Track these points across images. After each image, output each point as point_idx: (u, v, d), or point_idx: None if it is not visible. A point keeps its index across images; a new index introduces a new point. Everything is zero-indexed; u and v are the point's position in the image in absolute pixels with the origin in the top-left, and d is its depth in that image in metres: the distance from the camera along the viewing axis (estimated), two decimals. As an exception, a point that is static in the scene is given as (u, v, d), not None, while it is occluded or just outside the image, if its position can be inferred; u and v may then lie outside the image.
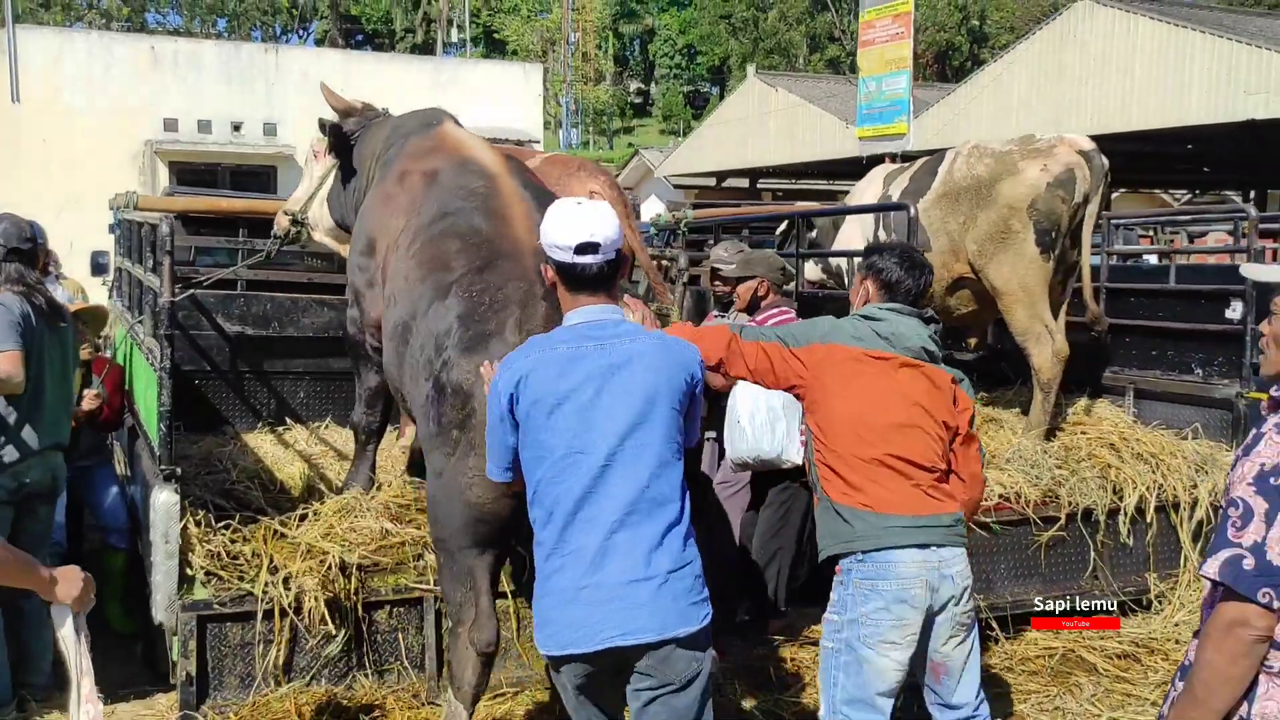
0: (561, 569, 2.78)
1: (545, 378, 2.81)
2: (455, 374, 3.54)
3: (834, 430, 3.35)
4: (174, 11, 60.21)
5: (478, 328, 3.57)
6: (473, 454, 3.45)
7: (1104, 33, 19.33)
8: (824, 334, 3.46)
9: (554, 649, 2.79)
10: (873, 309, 3.48)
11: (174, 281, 4.10)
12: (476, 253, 3.79)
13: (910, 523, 3.23)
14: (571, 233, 2.87)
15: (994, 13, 61.53)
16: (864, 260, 3.64)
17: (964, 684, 3.36)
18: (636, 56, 71.62)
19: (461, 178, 4.23)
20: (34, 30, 21.34)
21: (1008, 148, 6.16)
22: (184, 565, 4.06)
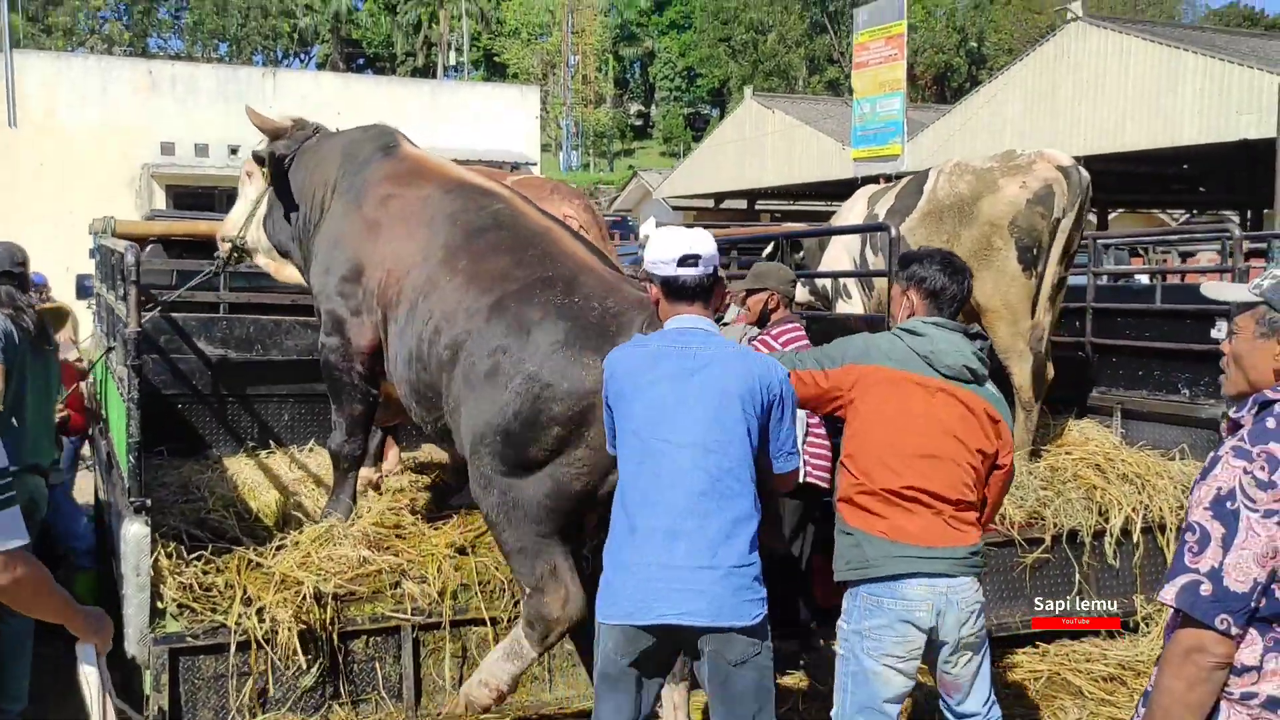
0: (632, 545, 3.04)
1: (629, 370, 3.15)
2: (573, 372, 3.65)
3: (862, 456, 3.38)
4: (176, 36, 60.62)
5: (596, 330, 3.69)
6: (583, 447, 3.65)
7: (1097, 53, 19.42)
8: (860, 353, 3.46)
9: (614, 618, 3.03)
10: (915, 323, 3.46)
11: (140, 311, 4.07)
12: (541, 267, 3.94)
13: (925, 553, 3.27)
14: (675, 248, 3.21)
15: (992, 34, 61.90)
16: (903, 271, 3.61)
17: (973, 695, 3.42)
18: (636, 79, 71.92)
19: (470, 199, 4.35)
20: (31, 54, 21.45)
21: (988, 165, 6.16)
22: (155, 598, 4.01)
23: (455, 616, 4.43)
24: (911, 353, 3.39)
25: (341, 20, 60.67)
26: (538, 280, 3.91)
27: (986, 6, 63.90)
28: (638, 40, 68.59)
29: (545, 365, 3.70)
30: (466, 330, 3.97)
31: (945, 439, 3.34)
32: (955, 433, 3.35)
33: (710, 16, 61.91)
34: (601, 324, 3.70)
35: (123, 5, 57.99)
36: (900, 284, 3.59)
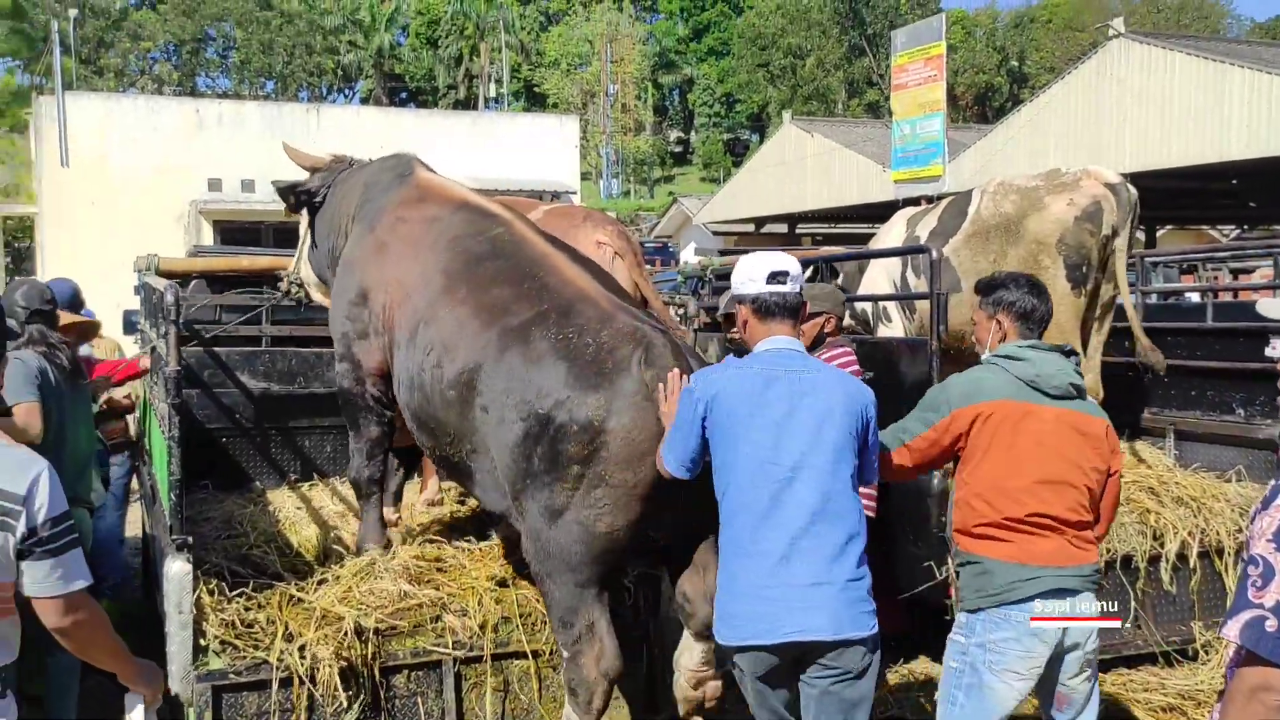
0: (748, 567, 3.14)
1: (741, 394, 3.22)
2: (580, 411, 3.59)
3: (982, 488, 3.44)
4: (223, 75, 61.85)
5: (593, 366, 3.64)
6: (602, 485, 3.58)
7: (1141, 69, 19.18)
8: (964, 395, 3.50)
9: (737, 640, 3.15)
10: (1012, 349, 3.51)
11: (180, 350, 4.09)
12: (540, 299, 3.91)
13: (1055, 573, 3.36)
14: (763, 266, 3.34)
15: (1033, 53, 61.56)
16: (988, 296, 3.66)
17: (1085, 713, 3.50)
18: (676, 106, 72.27)
19: (475, 224, 4.34)
20: (82, 96, 21.94)
21: (1034, 183, 6.07)
22: (198, 635, 4.01)
23: (496, 650, 4.38)
24: (1017, 381, 3.45)
25: (384, 55, 61.64)
26: (537, 315, 3.87)
27: (1027, 26, 63.63)
28: (676, 68, 68.96)
29: (554, 406, 3.65)
30: (471, 368, 3.95)
31: (1063, 463, 3.41)
32: (1072, 456, 3.43)
33: (748, 43, 62.11)
34: (597, 360, 3.66)
35: (172, 46, 59.31)
36: (986, 309, 3.64)
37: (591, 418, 3.58)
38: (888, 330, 6.63)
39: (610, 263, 4.82)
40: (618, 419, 3.54)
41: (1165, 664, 5.49)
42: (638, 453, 3.55)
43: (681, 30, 71.09)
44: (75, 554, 2.70)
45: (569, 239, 4.76)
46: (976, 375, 3.54)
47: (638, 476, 3.57)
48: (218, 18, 58.35)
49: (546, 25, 67.98)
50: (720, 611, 3.22)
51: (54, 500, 2.65)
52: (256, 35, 56.73)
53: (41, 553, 2.62)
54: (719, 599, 3.24)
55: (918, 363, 5.26)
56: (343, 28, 60.34)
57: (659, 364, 3.55)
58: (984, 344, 3.66)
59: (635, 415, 3.55)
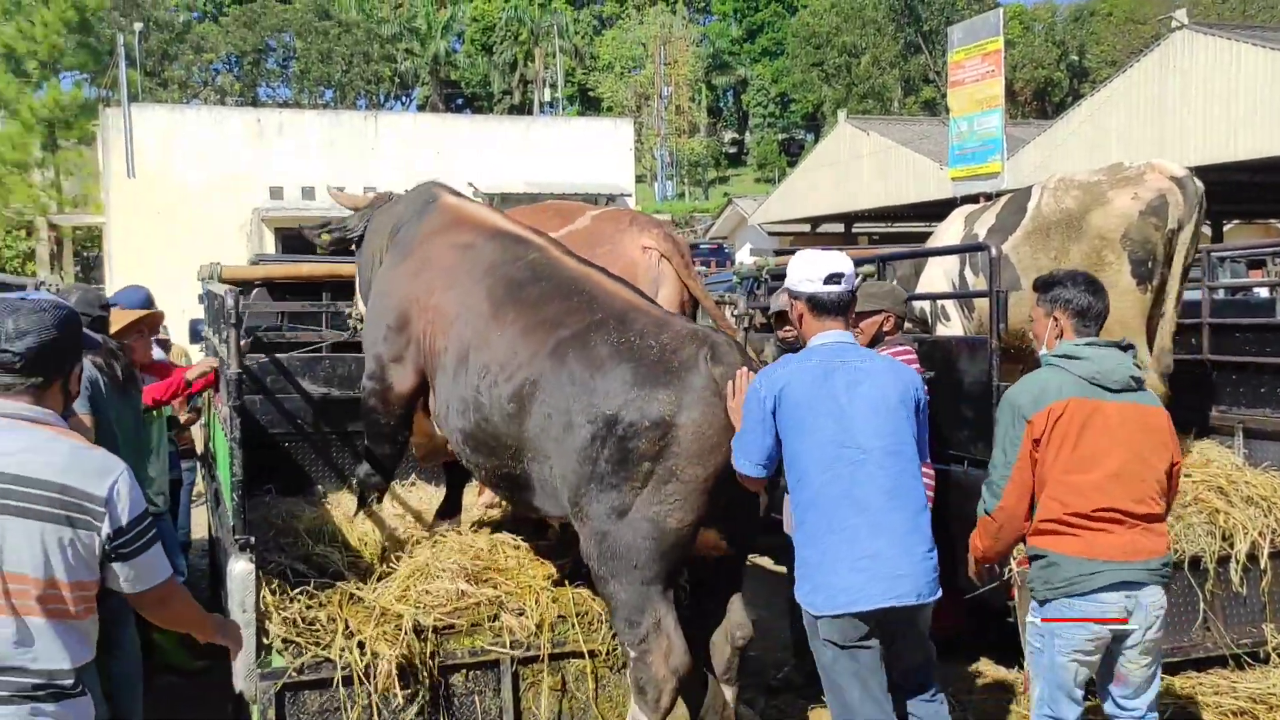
0: (838, 543, 3.40)
1: (805, 384, 3.44)
2: (651, 408, 3.68)
3: (1051, 486, 3.54)
4: (284, 85, 62.90)
5: (660, 365, 3.75)
6: (673, 480, 3.68)
7: (1205, 62, 18.78)
8: (1032, 402, 3.57)
9: (834, 609, 3.39)
10: (1069, 347, 3.59)
11: (242, 353, 4.17)
12: (590, 311, 4.02)
13: (1121, 567, 3.49)
14: (822, 267, 3.53)
15: (1093, 46, 60.48)
16: (1044, 294, 3.74)
17: (1142, 696, 3.66)
18: (730, 107, 72.14)
19: (507, 250, 4.46)
20: (148, 108, 22.47)
21: (1096, 178, 5.96)
22: (262, 633, 4.07)
23: (553, 650, 4.40)
24: (1078, 379, 3.52)
25: (440, 62, 62.30)
26: (591, 324, 3.95)
27: (1087, 19, 62.55)
28: (730, 69, 68.84)
29: (623, 406, 3.72)
30: (531, 380, 4.01)
31: (1130, 456, 3.51)
32: (1138, 448, 3.53)
33: (802, 42, 61.78)
34: (663, 359, 3.77)
35: (233, 57, 60.46)
36: (1044, 307, 3.72)
37: (663, 413, 3.68)
38: (946, 329, 6.56)
39: (656, 266, 4.83)
40: (688, 414, 3.67)
41: (1236, 667, 5.36)
42: (708, 447, 3.67)
43: (735, 31, 70.95)
44: (156, 549, 2.83)
45: (616, 243, 4.81)
46: (1039, 379, 3.61)
47: (708, 471, 3.69)
48: (278, 29, 59.37)
49: (600, 29, 68.23)
50: (815, 584, 3.44)
51: (135, 501, 2.73)
52: (315, 45, 57.61)
53: (129, 552, 2.72)
54: (813, 574, 3.45)
55: (977, 361, 5.20)
56: (399, 36, 61.10)
57: (726, 361, 3.68)
58: (1041, 340, 3.73)
59: (705, 410, 3.68)
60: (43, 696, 2.65)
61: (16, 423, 2.69)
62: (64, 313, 2.82)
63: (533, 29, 61.77)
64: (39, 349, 2.70)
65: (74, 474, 2.66)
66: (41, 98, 22.26)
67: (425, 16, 61.72)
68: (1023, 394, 3.60)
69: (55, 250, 23.73)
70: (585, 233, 4.98)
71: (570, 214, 5.19)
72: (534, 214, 5.36)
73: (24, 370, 2.70)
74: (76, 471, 2.66)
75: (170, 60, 55.28)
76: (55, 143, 22.07)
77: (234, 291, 4.06)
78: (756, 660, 5.92)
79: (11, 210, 22.35)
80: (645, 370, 3.74)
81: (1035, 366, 3.80)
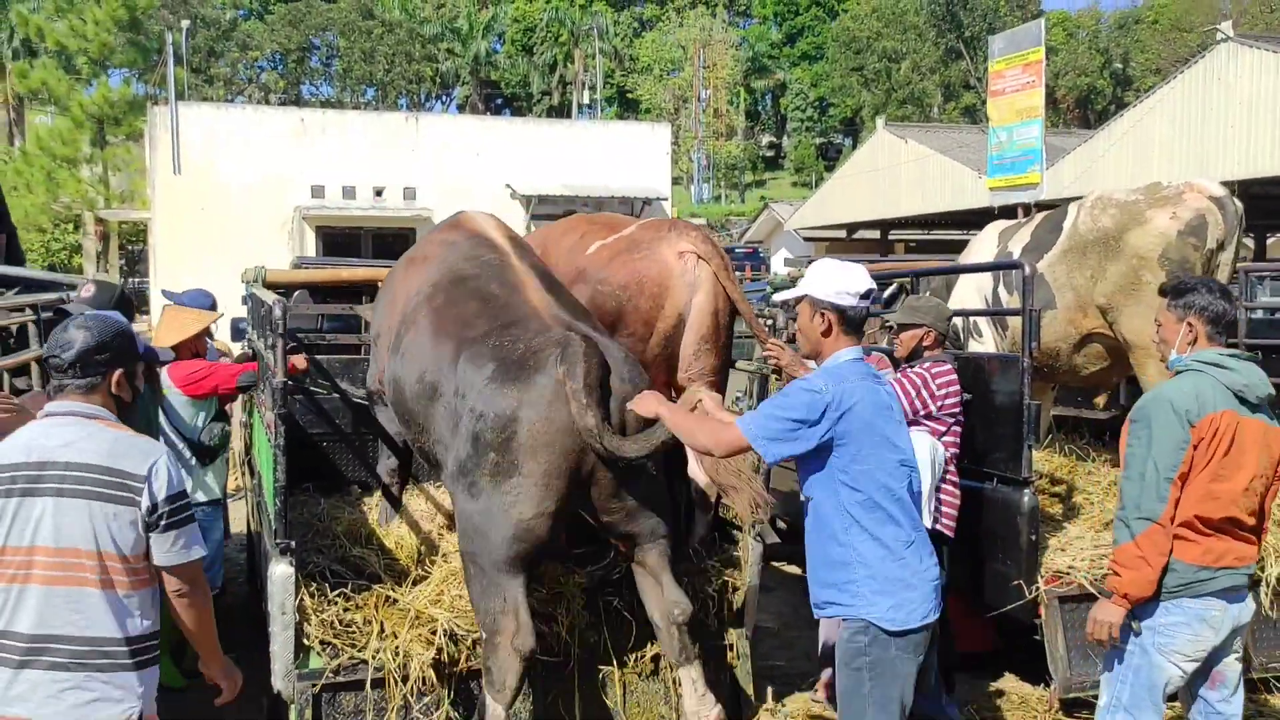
0: (909, 559, 3.47)
1: (872, 402, 3.47)
2: (498, 402, 3.88)
3: (1193, 492, 3.57)
4: (326, 83, 63.48)
5: (516, 364, 3.94)
6: (516, 474, 3.84)
7: (1251, 74, 18.57)
8: (1200, 406, 3.56)
9: (916, 623, 3.45)
10: (1216, 356, 3.64)
11: (288, 361, 4.28)
12: (496, 315, 4.23)
13: (1233, 574, 3.63)
14: (858, 281, 3.56)
15: (1138, 54, 59.77)
16: (1177, 300, 3.76)
17: (1237, 694, 3.76)
18: (768, 110, 71.99)
19: (475, 249, 4.67)
20: (194, 106, 22.76)
21: (1133, 197, 5.95)
22: (300, 635, 4.17)
23: (583, 657, 4.48)
24: (1225, 390, 3.57)
25: (481, 63, 62.62)
26: (492, 328, 4.16)
27: (1131, 27, 61.85)
28: (769, 72, 68.71)
29: (479, 398, 3.95)
30: (436, 370, 4.26)
31: (1254, 473, 3.60)
32: (1261, 467, 3.62)
33: (842, 46, 61.57)
34: (521, 359, 3.95)
35: (278, 55, 61.12)
36: (1176, 312, 3.74)
37: (506, 408, 3.87)
38: (978, 346, 6.57)
39: (693, 270, 4.86)
40: (527, 411, 3.83)
41: (1265, 690, 5.35)
42: (543, 443, 3.83)
43: (775, 35, 70.82)
44: (192, 527, 3.13)
45: (652, 249, 4.87)
46: (1191, 386, 3.60)
47: (545, 466, 3.83)
48: (322, 27, 59.97)
49: (640, 31, 68.30)
50: (895, 602, 3.44)
51: (172, 480, 3.06)
52: (358, 44, 58.13)
53: (164, 526, 3.03)
54: (886, 589, 3.44)
55: (1009, 379, 5.22)
56: (441, 36, 61.51)
57: (570, 360, 3.79)
58: (1171, 346, 3.76)
59: (544, 408, 3.83)
60: (93, 666, 2.95)
61: (70, 418, 3.07)
62: (109, 325, 3.21)
63: (573, 30, 61.97)
64: (84, 355, 3.10)
65: (118, 457, 3.01)
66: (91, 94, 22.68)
67: (467, 17, 62.08)
68: (1183, 398, 3.58)
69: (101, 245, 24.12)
70: (627, 240, 5.03)
71: (618, 225, 5.26)
72: (589, 224, 5.44)
73: (72, 373, 3.10)
74: (120, 455, 3.02)
75: (216, 57, 56.00)
76: (104, 139, 22.47)
77: (281, 301, 4.16)
78: (781, 672, 5.98)
79: (60, 204, 22.78)
80: (504, 368, 3.95)
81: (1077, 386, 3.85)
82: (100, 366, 3.11)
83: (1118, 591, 3.62)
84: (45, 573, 2.94)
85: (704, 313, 4.86)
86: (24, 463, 2.98)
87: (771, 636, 6.43)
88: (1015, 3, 59.39)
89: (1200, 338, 3.68)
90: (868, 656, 3.46)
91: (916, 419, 4.82)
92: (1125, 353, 5.89)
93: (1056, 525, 5.64)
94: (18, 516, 2.95)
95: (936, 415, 4.88)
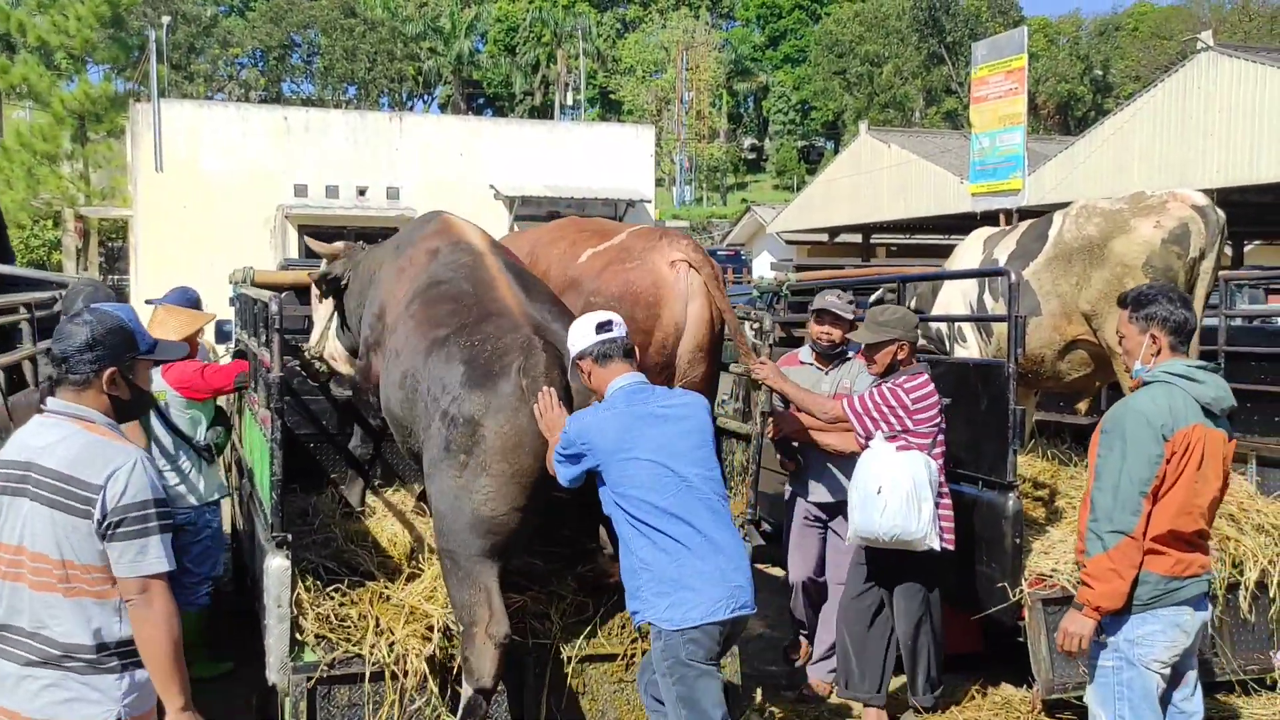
0: (682, 561, 3.70)
1: (614, 431, 3.77)
2: (465, 407, 4.03)
3: (1167, 506, 3.63)
4: (308, 81, 63.19)
5: (483, 369, 4.08)
6: (484, 474, 4.02)
7: (1230, 84, 18.80)
8: (1174, 419, 3.61)
9: (689, 621, 3.63)
10: (1185, 368, 3.68)
11: (283, 357, 4.32)
12: (467, 313, 4.36)
13: (1198, 582, 3.72)
14: (587, 322, 3.92)
15: (1118, 61, 60.27)
16: (1138, 311, 3.77)
17: (1197, 690, 3.88)
18: (750, 113, 72.16)
19: (454, 254, 4.78)
20: (177, 103, 22.65)
21: (1117, 206, 6.03)
22: (295, 629, 4.19)
23: (575, 652, 4.51)
24: (1194, 403, 3.62)
25: (463, 62, 62.50)
26: (461, 326, 4.30)
27: (1112, 34, 62.38)
28: (751, 74, 68.85)
29: (451, 401, 4.09)
30: (413, 370, 4.38)
31: (1216, 484, 3.70)
32: (1220, 477, 3.72)
33: (825, 50, 61.82)
34: (488, 364, 4.12)
35: (259, 52, 60.84)
36: (1138, 324, 3.74)
37: (474, 413, 4.03)
38: (963, 351, 6.65)
39: (686, 279, 4.90)
40: (493, 417, 4.01)
41: (1243, 692, 5.44)
42: (510, 446, 4.01)
43: (758, 37, 71.01)
44: (152, 540, 3.00)
45: (644, 259, 4.90)
46: (1165, 398, 3.64)
47: (513, 468, 4.01)
48: (303, 25, 59.74)
49: (623, 32, 68.35)
50: (671, 602, 3.67)
51: (132, 489, 2.96)
52: (340, 42, 57.94)
53: (115, 535, 2.95)
54: (663, 591, 3.68)
55: (994, 385, 5.28)
56: (423, 35, 61.35)
57: (534, 374, 3.98)
58: (1135, 357, 3.77)
59: (508, 415, 4.01)
60: (71, 666, 2.96)
61: (57, 418, 3.04)
62: (105, 320, 3.13)
63: (556, 31, 61.94)
64: (74, 352, 3.06)
65: (81, 465, 2.96)
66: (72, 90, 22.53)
67: (450, 16, 61.93)
68: (1157, 412, 3.60)
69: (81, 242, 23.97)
70: (619, 249, 5.05)
71: (608, 231, 5.29)
72: (578, 230, 5.46)
73: (64, 369, 3.08)
74: (83, 463, 2.96)
75: (196, 54, 55.68)
76: (85, 135, 22.32)
77: (276, 297, 4.22)
78: (769, 674, 6.04)
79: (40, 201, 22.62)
80: (471, 372, 4.11)
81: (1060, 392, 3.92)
82: (90, 365, 3.06)
83: (1089, 603, 3.67)
84: (30, 575, 2.96)
85: (699, 322, 4.91)
86: (15, 461, 3.00)
87: (756, 638, 6.48)
88: (997, 8, 59.82)
89: (1163, 349, 3.70)
90: (666, 661, 3.69)
91: (895, 435, 4.88)
92: (1109, 359, 5.98)
93: (1040, 529, 5.72)
94: (10, 514, 2.97)
95: (914, 429, 4.88)
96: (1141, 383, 3.76)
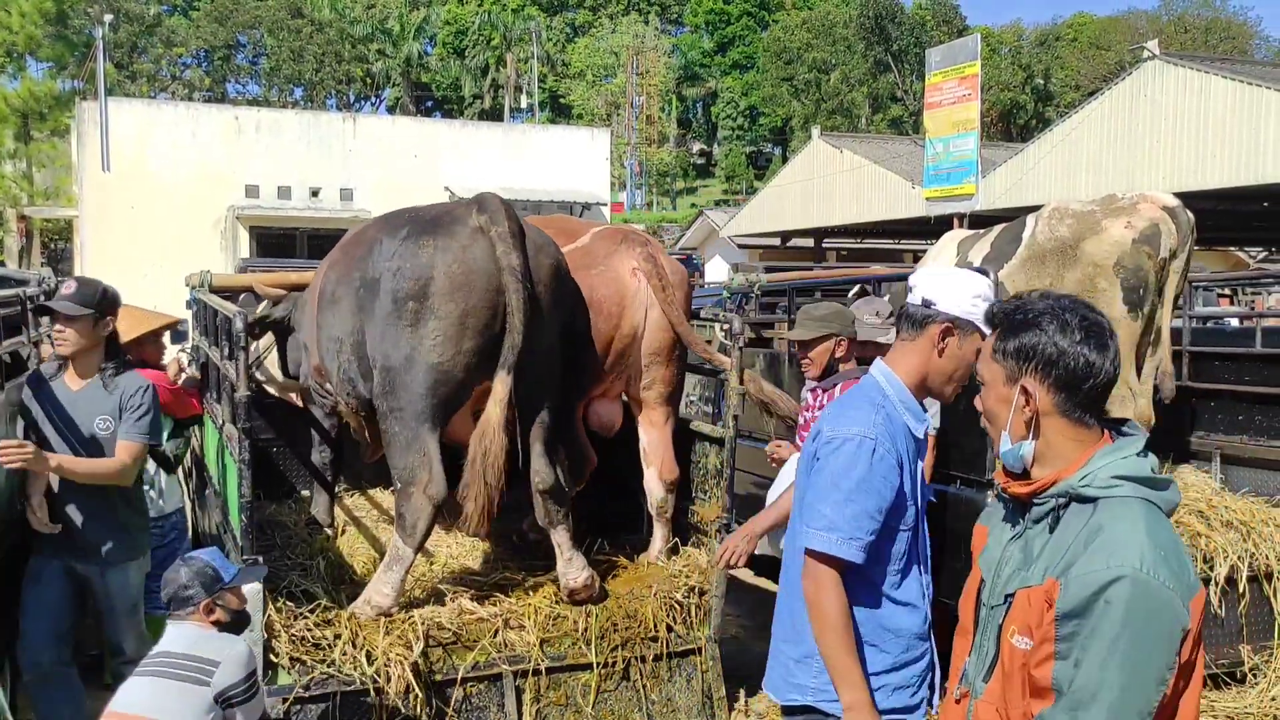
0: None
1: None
2: (415, 255, 4.17)
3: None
4: (254, 81, 62.34)
5: (430, 223, 4.26)
6: (433, 318, 4.13)
7: (1177, 91, 19.18)
8: (1189, 587, 1.92)
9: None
10: (1153, 471, 3.17)
11: (250, 376, 4.18)
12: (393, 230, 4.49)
13: None
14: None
15: (1059, 71, 61.34)
16: (1009, 340, 3.36)
17: None
18: (699, 118, 72.43)
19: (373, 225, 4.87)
20: (124, 102, 22.17)
21: (1089, 207, 6.10)
22: (268, 651, 4.03)
23: (554, 664, 4.44)
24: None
25: (412, 64, 62.03)
26: (390, 229, 4.42)
27: (1053, 44, 63.46)
28: (701, 80, 69.14)
29: (394, 256, 4.22)
30: (345, 299, 4.49)
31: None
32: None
33: (773, 57, 62.21)
34: (436, 218, 4.28)
35: (203, 52, 59.89)
36: (1005, 365, 2.18)
37: (422, 258, 4.16)
38: (937, 351, 6.66)
39: (646, 288, 5.01)
40: (443, 256, 4.14)
41: (1214, 686, 5.50)
42: (459, 284, 4.14)
43: (707, 43, 71.29)
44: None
45: (608, 264, 5.03)
46: (1172, 543, 2.00)
47: (461, 307, 4.15)
48: (249, 25, 58.94)
49: (573, 37, 68.28)
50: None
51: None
52: (287, 43, 57.25)
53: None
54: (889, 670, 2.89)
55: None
56: (371, 36, 60.79)
57: (491, 209, 4.16)
58: (999, 427, 2.23)
59: (461, 249, 4.16)
60: None
61: None
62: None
63: (505, 34, 61.71)
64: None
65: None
66: (15, 88, 21.97)
67: (399, 18, 61.45)
68: (1173, 572, 1.93)
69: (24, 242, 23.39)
70: (583, 251, 5.11)
71: (575, 232, 5.28)
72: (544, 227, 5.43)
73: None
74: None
75: (139, 53, 54.68)
76: (28, 134, 21.78)
77: (242, 314, 4.02)
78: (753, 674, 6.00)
79: (-19, 200, 22.07)
80: (418, 226, 4.27)
81: None
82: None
83: None
84: None
85: (658, 328, 5.05)
86: None
87: (740, 640, 6.45)
88: (941, 17, 60.61)
89: (1044, 414, 2.11)
90: None
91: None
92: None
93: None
94: None
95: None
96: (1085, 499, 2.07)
